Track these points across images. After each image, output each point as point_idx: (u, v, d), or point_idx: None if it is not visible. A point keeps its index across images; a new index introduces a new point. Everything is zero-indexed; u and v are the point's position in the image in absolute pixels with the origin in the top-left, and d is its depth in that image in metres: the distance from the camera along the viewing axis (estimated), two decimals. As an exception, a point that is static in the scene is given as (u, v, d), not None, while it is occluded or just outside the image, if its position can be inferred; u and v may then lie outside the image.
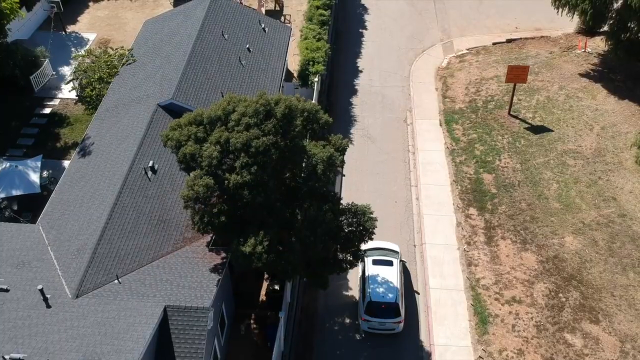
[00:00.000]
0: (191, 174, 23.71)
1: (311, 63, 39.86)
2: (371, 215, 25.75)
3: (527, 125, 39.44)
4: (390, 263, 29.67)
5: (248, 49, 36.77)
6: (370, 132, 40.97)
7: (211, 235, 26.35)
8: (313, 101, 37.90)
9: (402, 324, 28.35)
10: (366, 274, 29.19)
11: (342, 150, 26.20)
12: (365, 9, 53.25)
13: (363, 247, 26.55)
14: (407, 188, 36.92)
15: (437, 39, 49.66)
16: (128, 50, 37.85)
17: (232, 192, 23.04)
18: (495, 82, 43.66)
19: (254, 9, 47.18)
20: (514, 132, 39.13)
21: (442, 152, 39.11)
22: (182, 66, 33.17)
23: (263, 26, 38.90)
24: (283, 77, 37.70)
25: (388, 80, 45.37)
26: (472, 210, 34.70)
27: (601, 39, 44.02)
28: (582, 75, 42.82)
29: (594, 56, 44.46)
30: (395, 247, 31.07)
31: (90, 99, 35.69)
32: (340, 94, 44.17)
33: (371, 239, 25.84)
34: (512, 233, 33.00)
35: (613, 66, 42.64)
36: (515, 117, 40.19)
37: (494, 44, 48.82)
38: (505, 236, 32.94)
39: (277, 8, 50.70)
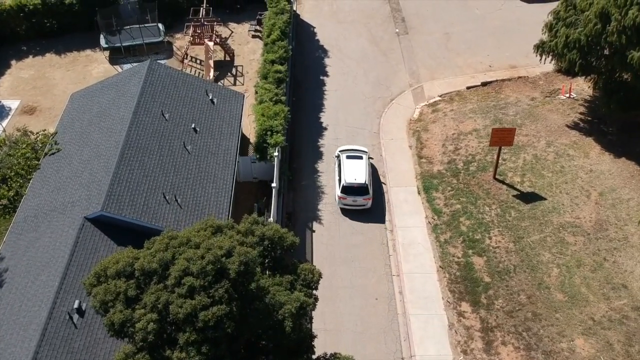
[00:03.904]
0: (121, 349, 18.33)
1: (269, 133, 34.66)
2: (355, 370, 20.79)
3: (515, 192, 35.04)
4: (360, 157, 36.01)
5: (194, 129, 31.37)
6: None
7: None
8: (274, 184, 32.66)
9: (370, 201, 34.81)
10: (341, 166, 35.41)
11: (314, 285, 21.20)
12: (324, 51, 48.20)
13: (339, 148, 37.49)
14: (388, 279, 32.07)
15: (405, 84, 44.96)
16: (51, 135, 32.04)
17: (176, 373, 17.75)
18: (474, 137, 39.20)
19: (199, 77, 42.04)
20: (502, 201, 34.68)
21: (424, 228, 34.42)
22: (114, 162, 27.63)
23: (211, 97, 33.53)
24: (237, 157, 32.45)
25: (356, 138, 40.38)
26: (465, 306, 30.08)
27: (586, 84, 40.03)
28: (570, 127, 38.69)
29: (580, 103, 40.43)
30: (365, 149, 37.25)
31: (7, 201, 29.71)
32: (304, 159, 39.06)
33: None
34: (514, 336, 28.47)
35: (603, 115, 38.60)
36: (502, 182, 35.77)
37: (468, 88, 44.34)
38: (506, 340, 28.38)
39: (227, 58, 45.34)
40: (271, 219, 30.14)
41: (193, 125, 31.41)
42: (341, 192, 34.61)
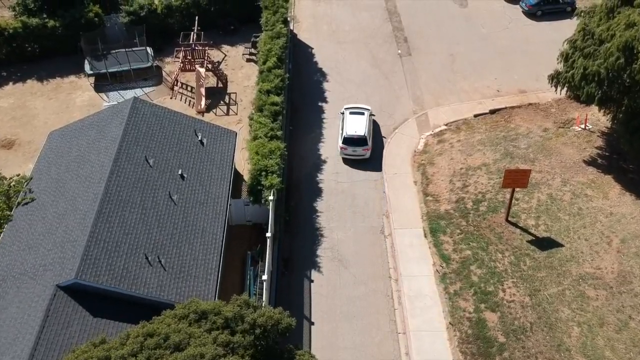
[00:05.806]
0: None
1: (264, 173, 32.05)
2: None
3: (530, 237, 32.43)
4: (362, 113, 39.02)
5: (181, 175, 28.74)
6: (341, 252, 33.35)
7: None
8: (268, 233, 30.01)
9: (369, 152, 37.92)
10: (344, 120, 38.39)
11: (313, 380, 18.60)
12: (323, 74, 45.56)
13: (345, 106, 40.10)
14: (394, 337, 29.44)
15: (409, 111, 42.32)
16: (25, 182, 29.39)
17: None
18: (484, 172, 36.59)
19: (190, 105, 39.44)
20: (515, 248, 32.08)
21: (431, 277, 31.77)
22: (92, 218, 25.00)
23: (200, 137, 30.87)
24: (229, 203, 29.82)
25: (358, 174, 37.82)
26: (478, 371, 27.51)
27: (603, 115, 37.37)
28: (586, 162, 36.08)
29: (598, 135, 37.82)
30: (368, 107, 39.97)
31: (-26, 257, 27.10)
32: (302, 197, 36.41)
33: None
34: (533, 408, 25.93)
35: (622, 150, 35.98)
36: (515, 225, 33.15)
37: (476, 115, 41.73)
38: (524, 413, 25.83)
39: (220, 85, 42.69)
40: (265, 276, 27.51)
41: (180, 172, 28.77)
42: (342, 143, 37.64)
